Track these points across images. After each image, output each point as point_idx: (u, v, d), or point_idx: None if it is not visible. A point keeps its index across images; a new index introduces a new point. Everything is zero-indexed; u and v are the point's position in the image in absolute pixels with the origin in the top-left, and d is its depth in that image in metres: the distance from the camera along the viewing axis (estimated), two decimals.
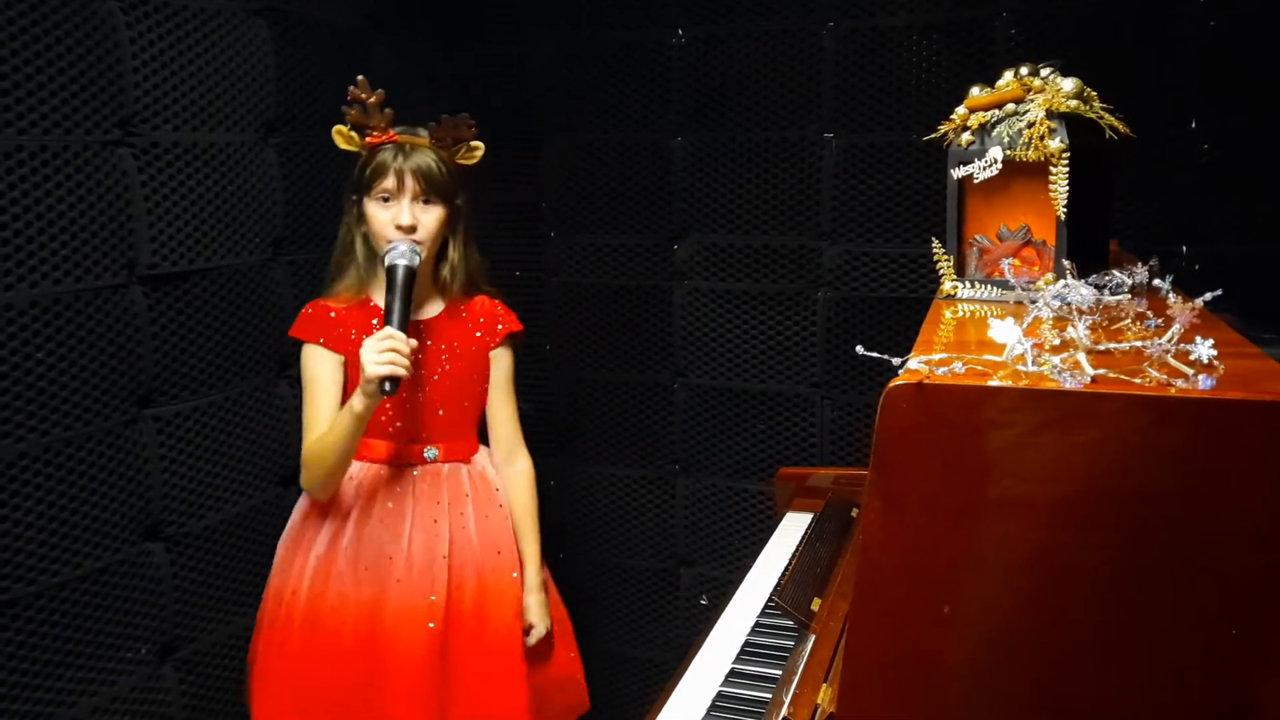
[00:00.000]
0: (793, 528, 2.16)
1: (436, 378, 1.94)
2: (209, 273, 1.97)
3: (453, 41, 2.77)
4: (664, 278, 2.72)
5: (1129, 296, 1.21)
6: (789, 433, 2.64)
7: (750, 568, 2.01)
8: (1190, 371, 0.92)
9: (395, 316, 1.75)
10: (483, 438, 2.07)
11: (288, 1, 2.14)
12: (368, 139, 1.85)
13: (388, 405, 1.89)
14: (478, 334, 2.00)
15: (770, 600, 1.80)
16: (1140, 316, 1.13)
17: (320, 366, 1.88)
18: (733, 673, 1.63)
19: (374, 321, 1.88)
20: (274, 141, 2.12)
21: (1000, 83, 1.43)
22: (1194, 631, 0.91)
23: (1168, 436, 0.89)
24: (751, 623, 1.78)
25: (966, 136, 1.41)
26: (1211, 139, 2.20)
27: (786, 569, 1.78)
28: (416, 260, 1.81)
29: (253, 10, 2.05)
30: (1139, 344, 1.00)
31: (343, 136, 1.86)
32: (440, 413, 1.94)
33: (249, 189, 2.06)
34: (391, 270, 1.78)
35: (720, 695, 1.57)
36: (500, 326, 2.02)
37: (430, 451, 1.94)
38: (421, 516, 1.90)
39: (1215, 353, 0.92)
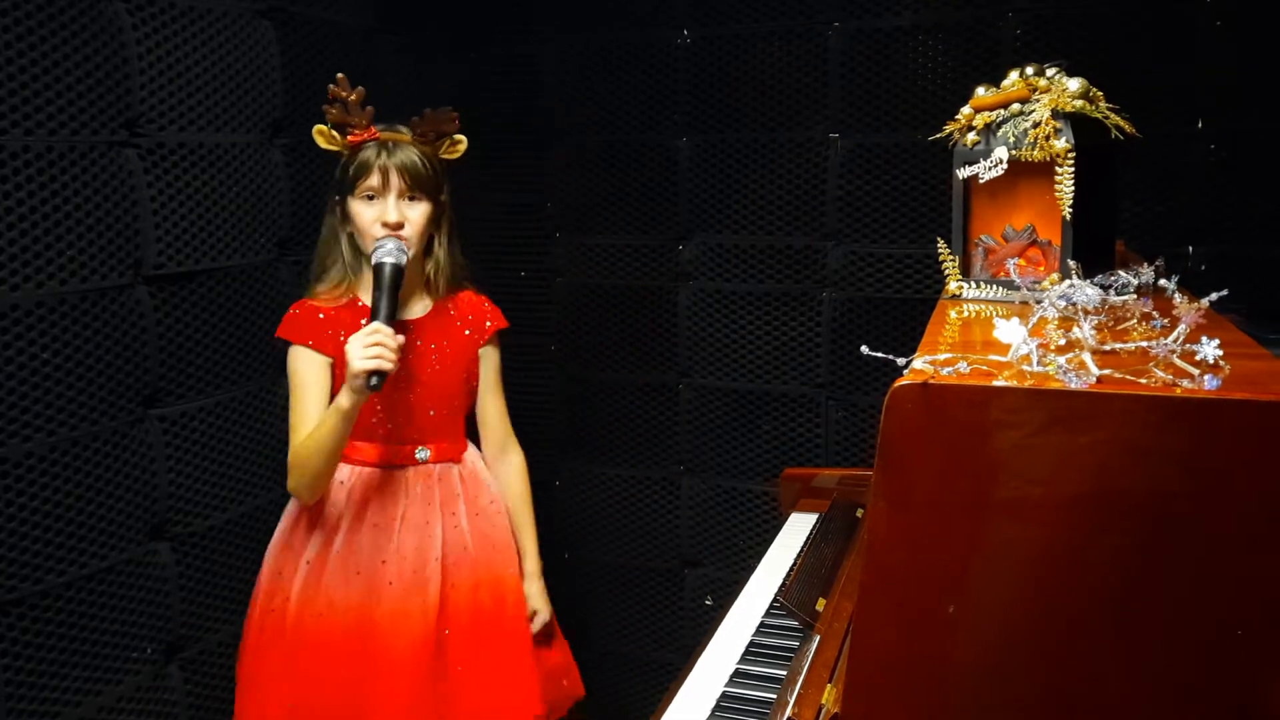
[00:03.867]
0: (798, 528, 2.16)
1: (426, 377, 1.92)
2: (215, 273, 1.98)
3: (458, 43, 2.77)
4: (669, 278, 2.72)
5: (1134, 297, 1.21)
6: (794, 433, 2.63)
7: (755, 568, 2.01)
8: (1196, 372, 0.92)
9: (382, 312, 1.73)
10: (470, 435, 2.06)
11: (293, 3, 2.15)
12: (349, 137, 1.83)
13: (379, 406, 1.88)
14: (466, 332, 1.98)
15: (775, 601, 1.80)
16: (1146, 317, 1.13)
17: (308, 368, 1.85)
18: (738, 673, 1.63)
19: (362, 321, 1.83)
20: (279, 142, 2.12)
21: (1006, 83, 1.42)
22: (1200, 632, 0.91)
23: (1173, 437, 0.89)
24: (756, 623, 1.78)
25: (972, 136, 1.41)
26: (1217, 139, 2.20)
27: (791, 569, 1.78)
28: (404, 258, 1.80)
29: (258, 11, 2.06)
30: (1145, 344, 1.00)
31: (324, 136, 1.84)
32: (431, 413, 1.93)
33: (254, 189, 2.06)
34: (379, 268, 1.77)
35: (725, 695, 1.57)
36: (488, 324, 2.02)
37: (422, 452, 1.92)
38: (413, 519, 1.89)
39: (1221, 353, 0.92)
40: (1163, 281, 1.25)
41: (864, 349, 1.17)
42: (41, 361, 1.64)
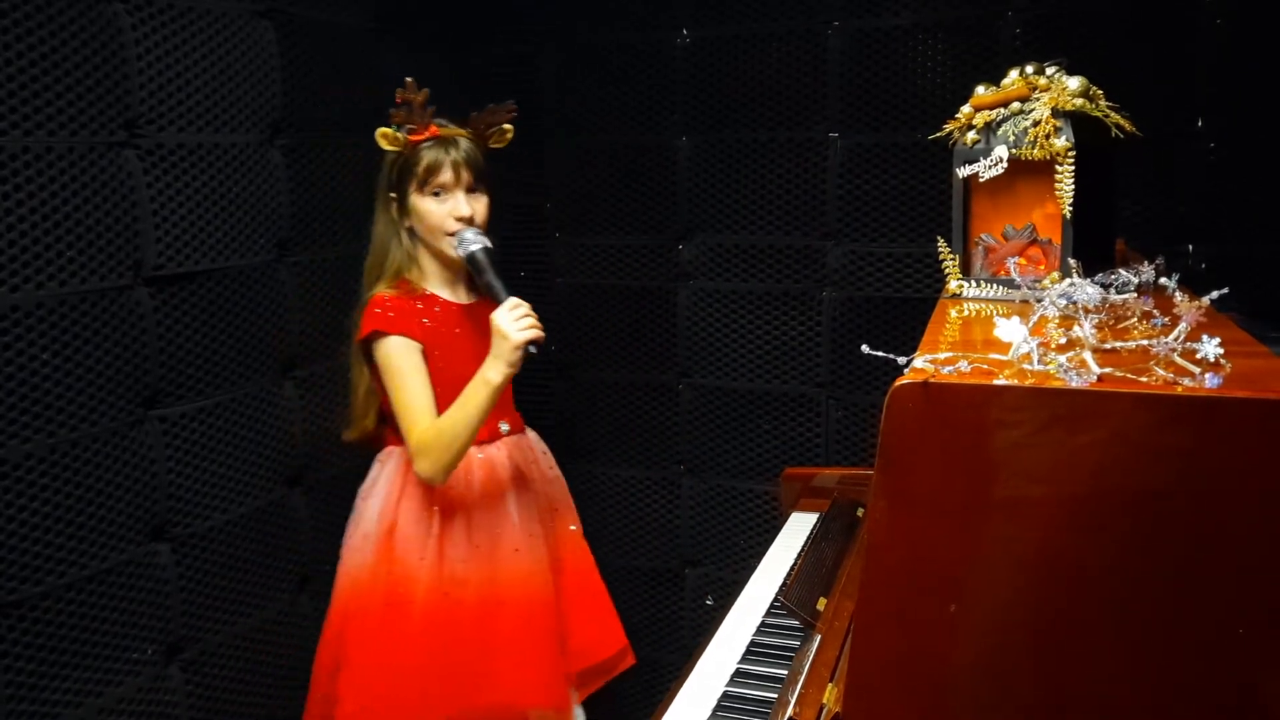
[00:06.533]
0: (798, 528, 2.16)
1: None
2: (214, 274, 1.98)
3: (458, 43, 2.77)
4: (669, 278, 2.72)
5: (1135, 295, 1.21)
6: (794, 433, 2.63)
7: (756, 568, 2.01)
8: (1197, 370, 0.91)
9: (502, 290, 1.83)
10: None
11: (293, 3, 2.14)
12: (411, 136, 1.92)
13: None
14: None
15: (776, 600, 1.80)
16: (1146, 315, 1.12)
17: (411, 357, 1.91)
18: (738, 673, 1.63)
19: (436, 309, 1.95)
20: (279, 143, 2.12)
21: (1005, 81, 1.42)
22: (1201, 631, 0.91)
23: (1174, 435, 0.89)
24: (757, 623, 1.78)
25: (972, 135, 1.41)
26: (1218, 137, 2.20)
27: (792, 569, 1.78)
28: (487, 241, 1.90)
29: (258, 12, 2.06)
30: (1145, 343, 1.00)
31: (387, 138, 1.92)
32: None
33: (254, 190, 2.06)
34: (472, 257, 1.88)
35: (726, 695, 1.57)
36: None
37: (504, 425, 2.02)
38: (517, 486, 2.00)
39: (1222, 351, 0.92)
40: (1163, 280, 1.25)
41: (864, 348, 1.17)
42: (41, 363, 1.64)
